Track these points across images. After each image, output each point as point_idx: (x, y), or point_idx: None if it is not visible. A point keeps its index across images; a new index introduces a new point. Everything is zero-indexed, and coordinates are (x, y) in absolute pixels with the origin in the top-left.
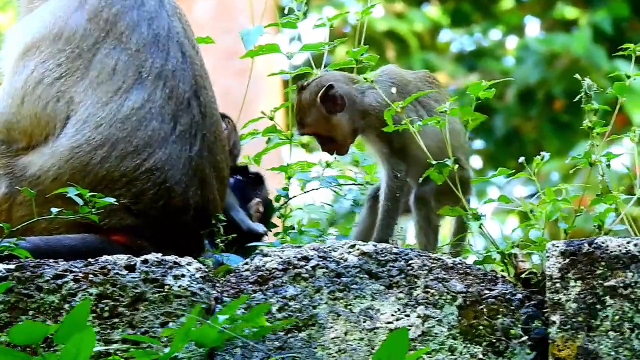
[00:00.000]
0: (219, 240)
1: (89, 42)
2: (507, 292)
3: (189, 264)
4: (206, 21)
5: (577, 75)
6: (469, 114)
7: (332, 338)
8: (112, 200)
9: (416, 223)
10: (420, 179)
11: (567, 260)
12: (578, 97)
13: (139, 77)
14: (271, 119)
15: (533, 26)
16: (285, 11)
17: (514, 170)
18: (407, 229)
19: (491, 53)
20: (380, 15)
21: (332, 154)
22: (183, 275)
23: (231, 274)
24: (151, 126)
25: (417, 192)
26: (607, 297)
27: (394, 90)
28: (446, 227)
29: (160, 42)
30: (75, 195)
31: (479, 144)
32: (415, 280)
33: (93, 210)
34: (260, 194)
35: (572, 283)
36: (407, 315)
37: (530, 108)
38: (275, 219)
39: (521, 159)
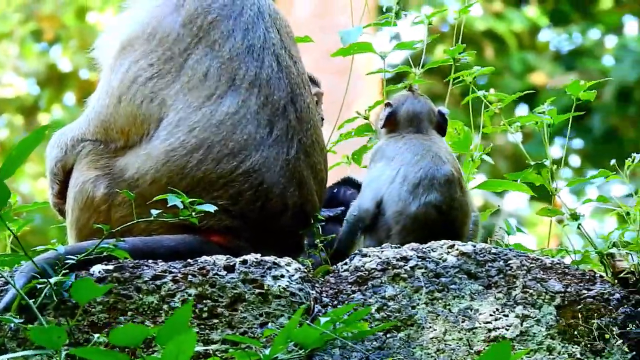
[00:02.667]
0: (317, 240)
1: (181, 46)
2: (606, 291)
3: (288, 264)
4: (306, 20)
5: None
6: (555, 116)
7: (431, 338)
8: (212, 208)
9: None
10: None
11: None
12: None
13: (233, 84)
14: (366, 118)
15: (631, 25)
16: (384, 10)
17: (613, 173)
18: None
19: (590, 52)
20: (479, 15)
21: None
22: (282, 276)
23: (330, 275)
24: (247, 130)
25: None
26: None
27: None
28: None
29: (254, 52)
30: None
31: (577, 142)
32: (514, 280)
33: (193, 214)
34: None
35: None
36: (506, 315)
37: (628, 107)
38: None
39: (613, 161)
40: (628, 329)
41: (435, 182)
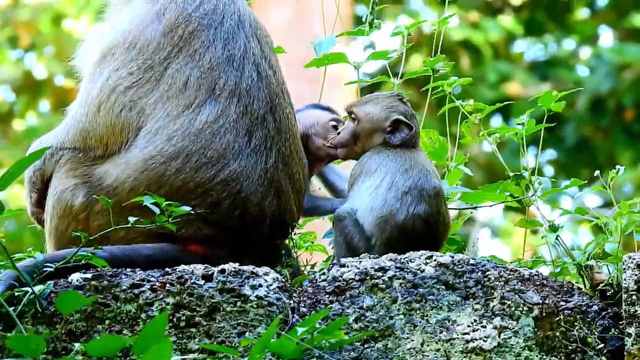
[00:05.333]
0: (295, 250)
1: (161, 55)
2: (584, 303)
3: (266, 273)
4: (282, 28)
5: None
6: (532, 127)
7: (409, 349)
8: (188, 209)
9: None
10: None
11: None
12: None
13: (212, 93)
14: None
15: (606, 36)
16: (363, 19)
17: (586, 182)
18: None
19: (564, 62)
20: (455, 25)
21: None
22: (260, 285)
23: (308, 284)
24: (225, 139)
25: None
26: None
27: None
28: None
29: (235, 62)
30: (152, 204)
31: (550, 153)
32: (492, 291)
33: (170, 219)
34: None
35: None
36: (484, 327)
37: (601, 117)
38: None
39: (597, 172)
40: (606, 340)
41: (425, 194)
